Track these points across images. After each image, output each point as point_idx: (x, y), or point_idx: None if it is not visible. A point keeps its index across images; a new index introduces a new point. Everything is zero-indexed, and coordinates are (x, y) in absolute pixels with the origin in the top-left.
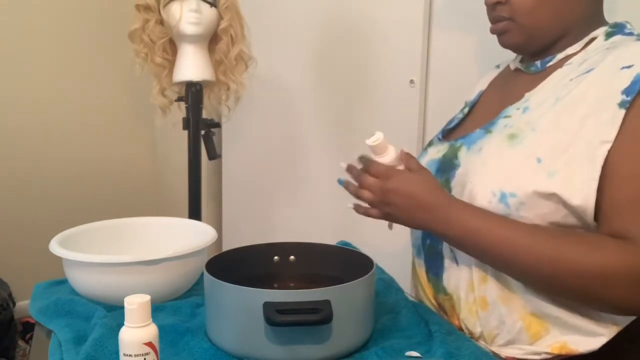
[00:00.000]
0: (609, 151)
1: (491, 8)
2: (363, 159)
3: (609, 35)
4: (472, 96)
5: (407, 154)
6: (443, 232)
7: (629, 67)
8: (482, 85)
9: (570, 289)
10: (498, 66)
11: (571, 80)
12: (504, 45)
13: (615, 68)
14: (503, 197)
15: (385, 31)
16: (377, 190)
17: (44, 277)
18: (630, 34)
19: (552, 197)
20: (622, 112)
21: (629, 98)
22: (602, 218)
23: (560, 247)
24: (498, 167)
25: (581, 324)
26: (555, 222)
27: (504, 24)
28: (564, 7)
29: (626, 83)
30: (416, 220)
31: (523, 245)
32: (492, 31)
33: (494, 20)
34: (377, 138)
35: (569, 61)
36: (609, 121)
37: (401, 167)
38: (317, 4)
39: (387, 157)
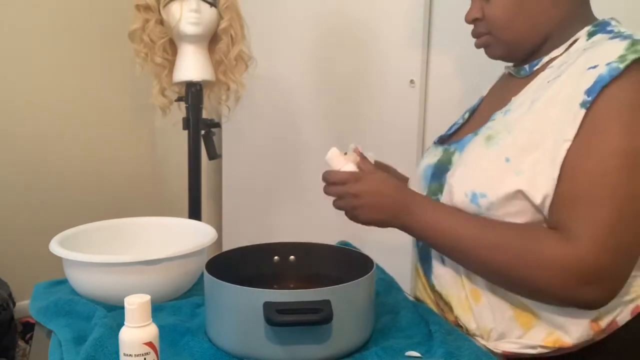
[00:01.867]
0: (568, 150)
1: (472, 23)
2: (325, 173)
3: (590, 34)
4: (474, 102)
5: (361, 155)
6: (405, 228)
7: (594, 67)
8: (485, 91)
9: (507, 276)
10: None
11: (548, 82)
12: (490, 57)
13: (584, 68)
14: (474, 198)
15: (385, 31)
16: (348, 194)
17: (44, 277)
18: (610, 32)
19: (518, 194)
20: (583, 111)
21: (589, 98)
22: (549, 210)
23: (499, 236)
24: (473, 168)
25: (553, 318)
26: (524, 221)
27: (484, 38)
28: (539, 16)
29: (589, 83)
30: (382, 217)
31: (468, 236)
32: (476, 46)
33: (475, 35)
34: (330, 154)
35: (552, 64)
36: (571, 121)
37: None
38: (317, 4)
39: (347, 167)
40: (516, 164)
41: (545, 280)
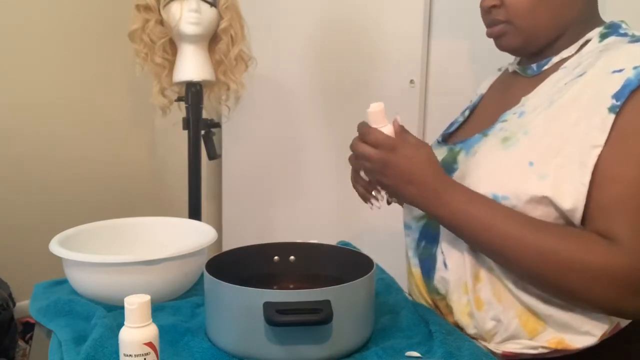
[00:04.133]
0: (599, 156)
1: (486, 12)
2: (360, 125)
3: (603, 36)
4: (473, 100)
5: (402, 127)
6: (434, 214)
7: (619, 71)
8: (483, 89)
9: (551, 282)
10: (500, 69)
11: (565, 84)
12: (502, 48)
13: (607, 72)
14: (495, 200)
15: (385, 31)
16: (377, 161)
17: (44, 277)
18: (625, 34)
19: (543, 200)
20: (612, 116)
21: (618, 103)
22: (588, 219)
23: (547, 240)
24: (491, 170)
25: (573, 323)
26: None
27: (500, 27)
28: (560, 7)
29: (616, 87)
30: (407, 195)
31: (511, 235)
32: (489, 35)
33: (490, 24)
34: (377, 105)
35: (564, 65)
36: (599, 126)
37: None
38: (317, 4)
39: (386, 129)
40: (540, 168)
41: (595, 291)
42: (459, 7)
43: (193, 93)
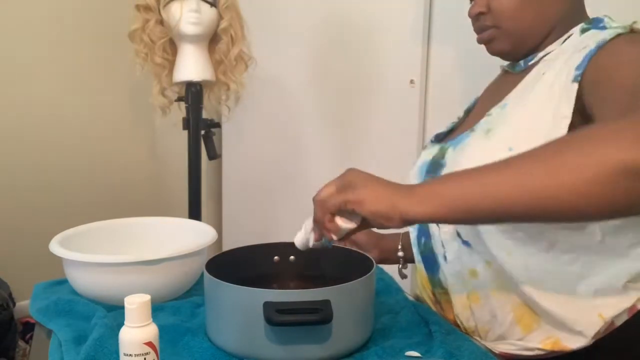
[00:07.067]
0: (569, 125)
1: (475, 19)
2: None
3: (584, 30)
4: (471, 101)
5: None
6: (415, 210)
7: (584, 47)
8: (481, 92)
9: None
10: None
11: (543, 74)
12: (492, 53)
13: (575, 52)
14: None
15: (385, 31)
16: (331, 186)
17: (44, 277)
18: (603, 27)
19: None
20: (575, 85)
21: (579, 71)
22: None
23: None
24: (474, 159)
25: (567, 321)
26: None
27: (489, 32)
28: (545, 8)
29: (579, 61)
30: (384, 206)
31: (498, 183)
32: (479, 41)
33: (479, 30)
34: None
35: (545, 57)
36: (565, 97)
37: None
38: (318, 4)
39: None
40: (519, 151)
41: (599, 149)
42: (459, 7)
43: (193, 93)
